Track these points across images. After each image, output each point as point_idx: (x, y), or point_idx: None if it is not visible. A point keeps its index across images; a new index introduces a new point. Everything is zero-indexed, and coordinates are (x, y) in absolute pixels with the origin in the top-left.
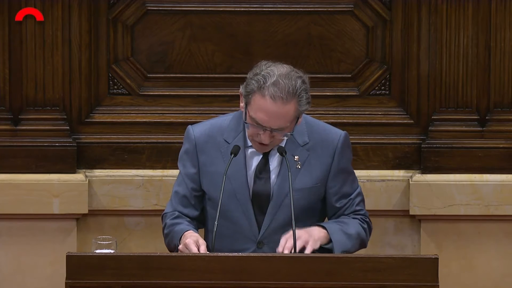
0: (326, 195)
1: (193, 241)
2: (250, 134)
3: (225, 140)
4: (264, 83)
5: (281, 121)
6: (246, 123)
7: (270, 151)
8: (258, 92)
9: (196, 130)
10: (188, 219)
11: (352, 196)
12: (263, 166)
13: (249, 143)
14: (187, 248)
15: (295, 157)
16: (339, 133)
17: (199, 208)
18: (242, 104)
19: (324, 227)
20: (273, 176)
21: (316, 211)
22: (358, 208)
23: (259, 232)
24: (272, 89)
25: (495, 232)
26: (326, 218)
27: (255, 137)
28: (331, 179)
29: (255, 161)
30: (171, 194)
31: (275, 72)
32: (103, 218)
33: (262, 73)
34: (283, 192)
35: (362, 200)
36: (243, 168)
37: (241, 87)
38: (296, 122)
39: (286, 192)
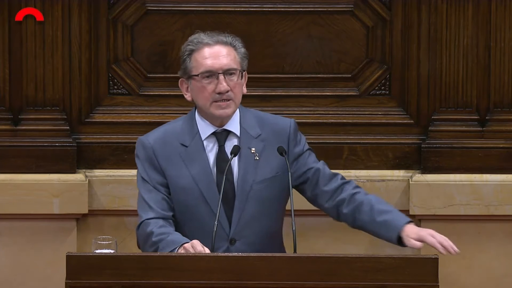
0: (308, 186)
1: (201, 244)
2: (206, 98)
3: (182, 144)
4: (197, 40)
5: (227, 60)
6: (196, 75)
7: (225, 141)
8: (196, 48)
9: (150, 138)
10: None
11: (331, 173)
12: (222, 157)
13: (204, 137)
14: (193, 248)
15: (252, 149)
16: (288, 121)
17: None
18: (187, 94)
19: (406, 221)
20: (235, 170)
21: (282, 202)
22: (344, 180)
23: (230, 229)
24: (206, 38)
25: (495, 232)
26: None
27: (213, 96)
28: (296, 165)
29: (213, 154)
30: (144, 200)
31: (200, 32)
32: (103, 218)
33: (190, 38)
34: (246, 185)
35: (326, 165)
36: (207, 166)
37: (178, 74)
38: (242, 74)
39: (249, 184)
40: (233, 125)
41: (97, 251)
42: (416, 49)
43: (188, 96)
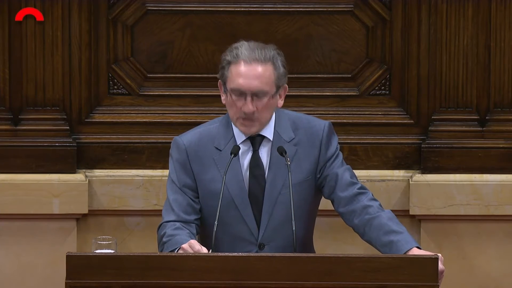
0: (326, 188)
1: (198, 244)
2: (234, 113)
3: (217, 148)
4: (237, 52)
5: (259, 82)
6: (226, 92)
7: (259, 146)
8: (233, 61)
9: (185, 140)
10: (188, 231)
11: (350, 180)
12: (256, 162)
13: (239, 141)
14: (191, 247)
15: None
16: (323, 123)
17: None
18: (223, 97)
19: (412, 245)
20: (265, 173)
21: (312, 206)
22: (361, 191)
23: (258, 234)
24: (246, 53)
25: (495, 232)
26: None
27: (239, 113)
28: (324, 169)
29: (247, 159)
30: (169, 202)
31: (245, 42)
32: (103, 218)
33: (233, 46)
34: (275, 189)
35: (354, 175)
36: (239, 172)
37: (217, 76)
38: (278, 91)
39: (278, 189)
40: (268, 130)
41: (97, 251)
42: (416, 49)
43: (223, 99)
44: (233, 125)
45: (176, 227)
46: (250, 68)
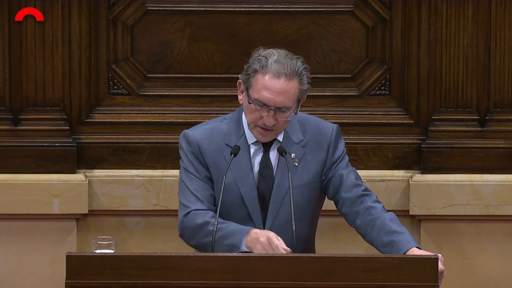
0: (330, 189)
1: (274, 235)
2: (252, 120)
3: (227, 145)
4: (266, 62)
5: (285, 98)
6: (250, 102)
7: (270, 147)
8: (261, 71)
9: (196, 134)
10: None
11: (355, 182)
12: (266, 163)
13: (251, 141)
14: (271, 243)
15: (292, 154)
16: (331, 126)
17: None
18: (241, 97)
19: (412, 245)
20: (274, 174)
21: (316, 208)
22: (366, 192)
23: None
24: (275, 66)
25: (495, 232)
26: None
27: (258, 122)
28: (329, 172)
29: (258, 159)
30: (190, 191)
31: (275, 53)
32: (103, 218)
33: (263, 54)
34: (282, 190)
35: (358, 177)
36: (250, 171)
37: (240, 76)
38: (298, 104)
39: (285, 189)
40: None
41: (97, 251)
42: (416, 49)
43: (240, 99)
44: (244, 124)
45: (212, 215)
46: (277, 83)
